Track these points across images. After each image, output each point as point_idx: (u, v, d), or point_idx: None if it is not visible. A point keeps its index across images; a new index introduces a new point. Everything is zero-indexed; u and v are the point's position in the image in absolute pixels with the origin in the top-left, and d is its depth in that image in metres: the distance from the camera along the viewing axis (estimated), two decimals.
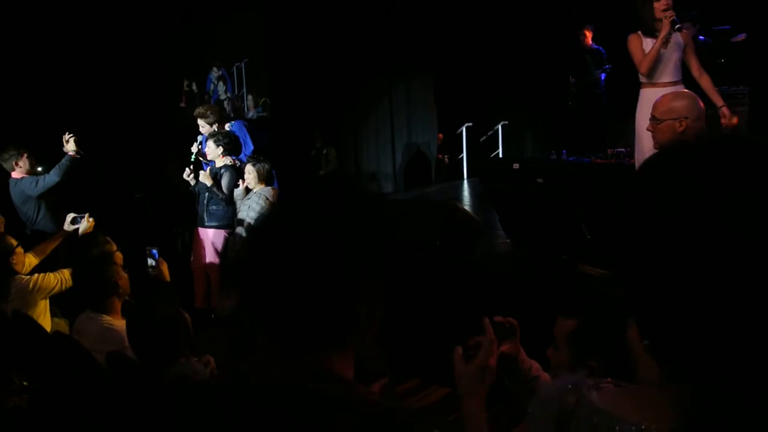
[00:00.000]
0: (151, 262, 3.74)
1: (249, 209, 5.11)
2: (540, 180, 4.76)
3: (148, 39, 8.97)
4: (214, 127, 5.74)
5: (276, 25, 8.91)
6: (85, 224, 4.35)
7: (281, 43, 8.89)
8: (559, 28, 9.14)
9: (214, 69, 9.73)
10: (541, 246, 4.37)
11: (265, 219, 1.21)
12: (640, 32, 4.42)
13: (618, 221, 0.79)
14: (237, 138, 5.79)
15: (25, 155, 5.13)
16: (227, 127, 5.99)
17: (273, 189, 5.30)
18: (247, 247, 1.11)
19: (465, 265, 4.38)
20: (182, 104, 9.83)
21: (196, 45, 9.47)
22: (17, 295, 3.72)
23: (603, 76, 8.40)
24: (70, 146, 5.07)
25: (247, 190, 5.29)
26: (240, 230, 5.23)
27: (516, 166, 5.16)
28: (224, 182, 5.44)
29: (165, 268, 3.61)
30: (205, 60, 9.68)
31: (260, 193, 5.16)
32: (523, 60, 9.96)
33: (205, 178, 5.39)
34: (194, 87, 9.92)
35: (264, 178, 5.24)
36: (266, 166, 5.27)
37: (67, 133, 5.13)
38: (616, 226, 0.79)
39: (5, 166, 5.15)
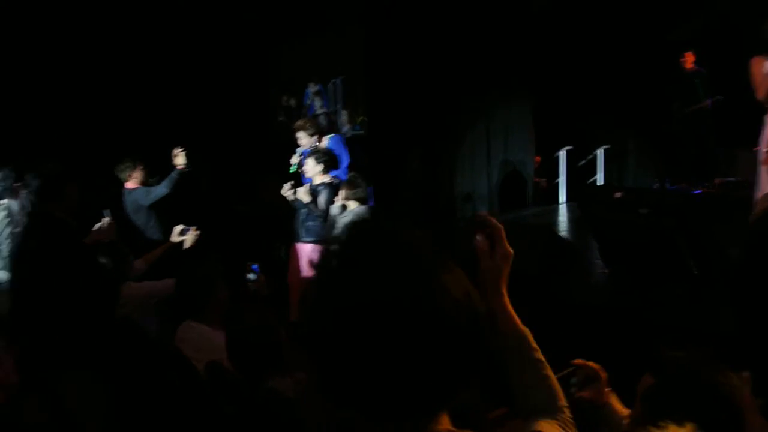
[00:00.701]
0: (251, 276, 3.85)
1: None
2: (643, 210, 4.59)
3: (252, 55, 9.32)
4: (314, 139, 5.89)
5: (374, 43, 9.06)
6: (192, 237, 4.53)
7: (379, 60, 9.03)
8: (664, 51, 8.84)
9: (311, 84, 9.98)
10: (642, 278, 4.21)
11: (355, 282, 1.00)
12: (766, 56, 4.15)
13: (746, 262, 0.74)
14: (335, 155, 5.92)
15: (140, 167, 5.43)
16: (325, 141, 6.13)
17: (368, 208, 5.36)
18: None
19: (561, 293, 4.27)
20: (281, 118, 10.14)
21: (295, 60, 9.76)
22: (127, 301, 3.91)
23: (710, 101, 8.03)
24: (179, 160, 5.32)
25: (344, 207, 5.38)
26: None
27: (618, 194, 4.99)
28: (322, 199, 5.55)
29: (264, 283, 3.72)
30: (303, 75, 9.96)
31: (356, 212, 5.24)
32: (626, 83, 9.69)
33: (303, 194, 5.52)
34: (292, 102, 10.21)
35: (359, 197, 5.32)
36: (363, 186, 5.35)
37: (176, 147, 5.39)
38: (742, 267, 0.75)
39: (120, 176, 5.46)
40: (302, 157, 6.00)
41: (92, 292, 3.71)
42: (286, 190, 5.68)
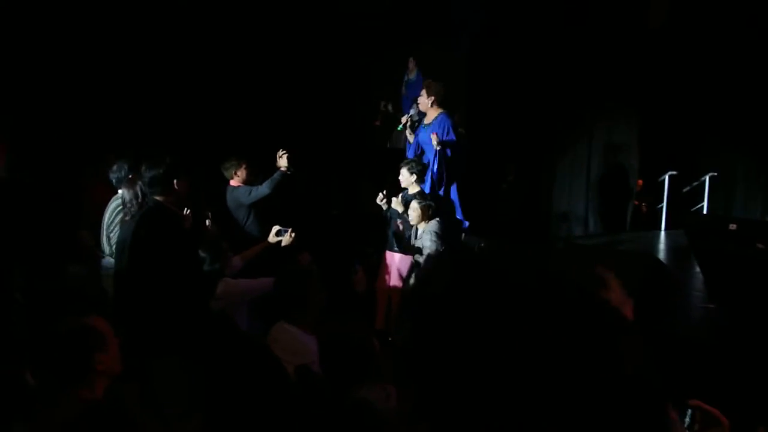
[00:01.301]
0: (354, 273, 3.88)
1: (423, 246, 5.23)
2: (761, 245, 4.29)
3: (355, 59, 9.42)
4: (430, 102, 6.07)
5: (477, 54, 8.97)
6: (288, 238, 4.59)
7: (480, 71, 8.93)
8: None
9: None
10: (754, 318, 3.94)
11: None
12: None
13: None
14: (426, 166, 5.92)
15: (244, 166, 5.56)
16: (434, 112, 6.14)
17: (437, 222, 5.33)
18: None
19: (664, 328, 4.05)
20: (377, 123, 10.18)
21: (397, 67, 9.79)
22: (222, 296, 3.99)
23: None
24: (282, 162, 5.42)
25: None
26: (418, 257, 5.31)
27: (733, 226, 4.70)
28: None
29: (363, 279, 3.73)
30: (403, 82, 9.98)
31: (430, 230, 5.23)
32: (738, 108, 9.19)
33: (397, 204, 5.51)
34: (390, 108, 10.21)
35: (427, 216, 5.30)
36: (430, 204, 5.35)
37: (281, 150, 5.48)
38: None
39: (225, 174, 5.61)
40: (410, 116, 6.22)
41: (190, 284, 3.83)
42: (380, 199, 5.69)
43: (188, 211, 4.09)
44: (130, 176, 4.39)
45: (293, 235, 4.59)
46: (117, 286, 3.83)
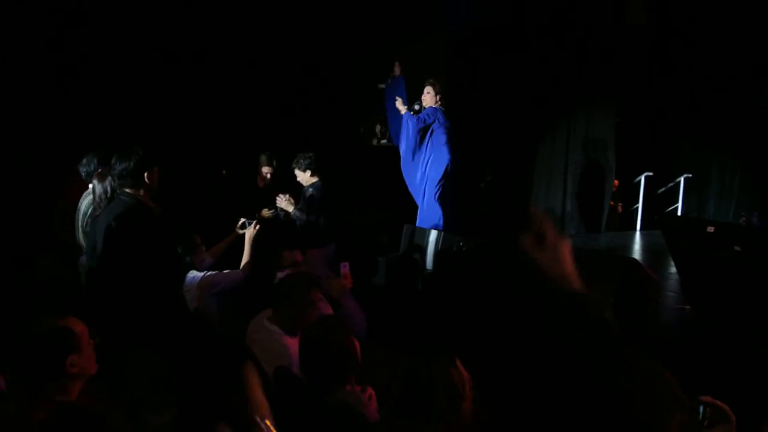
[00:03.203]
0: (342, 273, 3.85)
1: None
2: (737, 248, 4.34)
3: (330, 61, 9.38)
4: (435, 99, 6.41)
5: (456, 53, 8.96)
6: (252, 230, 4.53)
7: (459, 70, 8.91)
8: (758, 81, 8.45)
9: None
10: (728, 319, 3.98)
11: None
12: None
13: None
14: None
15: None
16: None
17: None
18: None
19: (638, 329, 4.07)
20: (361, 130, 10.21)
21: (374, 67, 9.77)
22: (190, 288, 3.94)
23: None
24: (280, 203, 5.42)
25: None
26: None
27: (711, 229, 4.74)
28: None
29: (349, 282, 3.70)
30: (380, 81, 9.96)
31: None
32: (714, 110, 9.31)
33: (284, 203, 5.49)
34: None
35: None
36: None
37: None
38: None
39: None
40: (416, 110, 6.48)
41: (163, 276, 3.76)
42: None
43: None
44: (99, 170, 4.30)
45: (257, 227, 4.54)
46: (89, 280, 3.77)
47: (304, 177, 5.44)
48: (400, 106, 6.52)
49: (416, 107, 6.53)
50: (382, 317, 5.11)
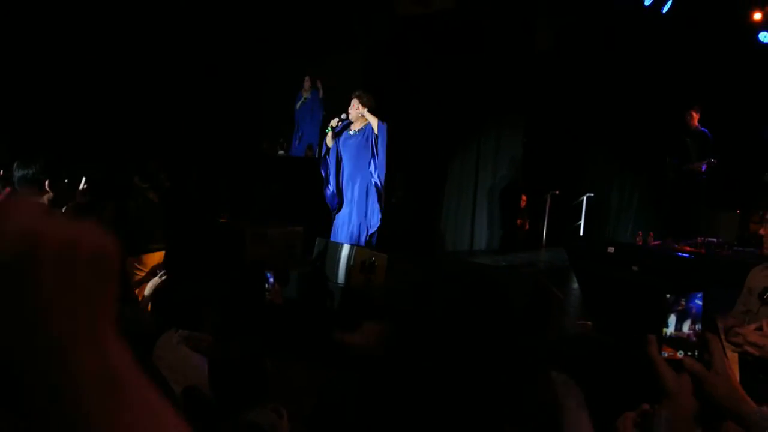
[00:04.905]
0: (267, 285, 3.77)
1: None
2: (635, 268, 4.58)
3: (248, 70, 9.28)
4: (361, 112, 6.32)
5: (372, 68, 9.05)
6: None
7: (374, 84, 9.01)
8: (664, 107, 8.95)
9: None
10: (626, 336, 4.18)
11: None
12: None
13: None
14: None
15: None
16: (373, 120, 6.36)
17: None
18: None
19: (541, 343, 4.22)
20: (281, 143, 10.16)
21: (292, 78, 9.76)
22: None
23: (704, 166, 8.08)
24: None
25: None
26: None
27: (611, 249, 4.99)
28: None
29: (279, 292, 3.64)
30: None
31: None
32: (621, 132, 9.80)
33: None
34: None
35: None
36: None
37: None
38: None
39: None
40: (341, 119, 6.43)
41: None
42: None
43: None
44: None
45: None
46: None
47: None
48: (334, 122, 6.46)
49: (343, 117, 6.48)
50: (294, 332, 5.07)
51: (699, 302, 1.21)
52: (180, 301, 3.14)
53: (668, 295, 1.25)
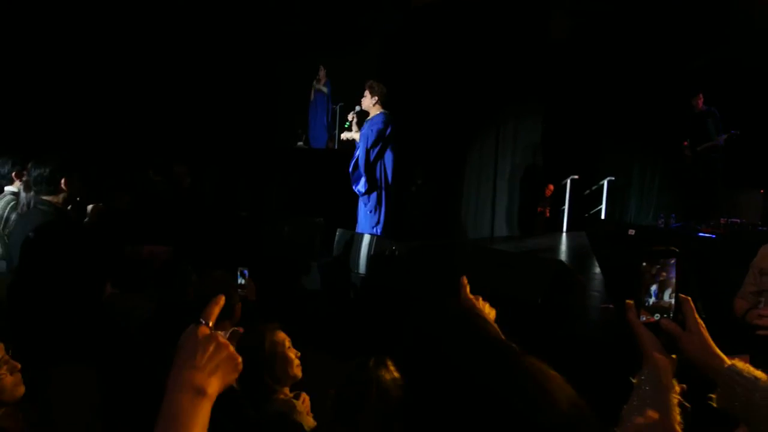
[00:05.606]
0: (241, 281, 3.78)
1: None
2: (632, 232, 4.54)
3: (261, 68, 9.32)
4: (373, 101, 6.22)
5: (388, 59, 9.04)
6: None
7: (390, 75, 9.00)
8: (679, 88, 8.86)
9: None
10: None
11: None
12: None
13: None
14: None
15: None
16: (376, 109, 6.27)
17: None
18: None
19: (565, 329, 4.20)
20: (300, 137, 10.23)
21: (309, 70, 9.80)
22: None
23: (723, 138, 8.00)
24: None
25: None
26: None
27: (632, 232, 4.94)
28: None
29: (253, 289, 3.65)
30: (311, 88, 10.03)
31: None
32: (634, 115, 9.71)
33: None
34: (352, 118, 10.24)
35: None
36: None
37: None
38: None
39: None
40: (356, 113, 6.44)
41: (84, 286, 3.63)
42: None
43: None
44: (18, 173, 4.14)
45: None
46: (9, 292, 3.60)
47: None
48: (350, 116, 6.53)
49: (357, 109, 6.48)
50: (316, 322, 5.11)
51: (674, 268, 1.27)
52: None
53: (644, 263, 1.31)
